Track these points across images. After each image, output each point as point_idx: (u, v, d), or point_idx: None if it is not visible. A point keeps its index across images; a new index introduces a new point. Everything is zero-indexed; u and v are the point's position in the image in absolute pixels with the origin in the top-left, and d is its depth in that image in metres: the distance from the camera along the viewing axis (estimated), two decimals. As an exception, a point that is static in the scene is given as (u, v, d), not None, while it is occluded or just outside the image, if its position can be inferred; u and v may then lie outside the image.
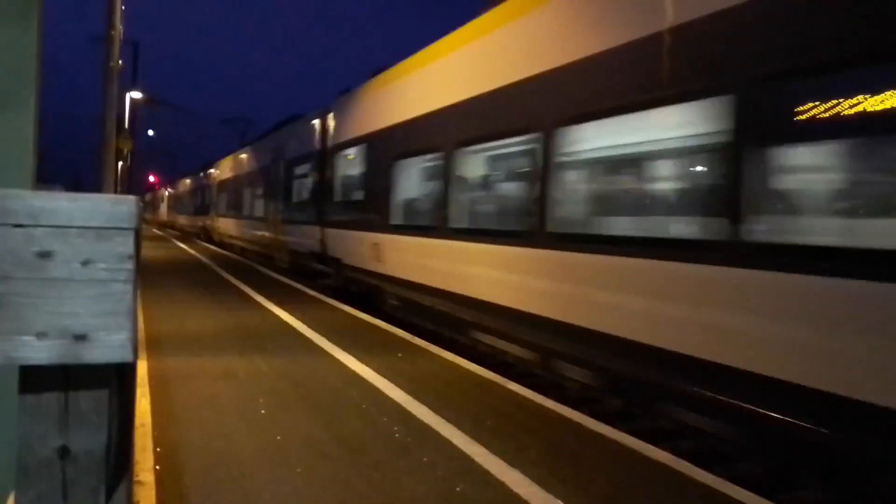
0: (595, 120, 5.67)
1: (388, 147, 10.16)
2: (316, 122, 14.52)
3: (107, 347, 1.26)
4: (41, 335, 1.22)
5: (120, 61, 11.75)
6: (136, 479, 3.48)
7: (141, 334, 7.31)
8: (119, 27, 11.00)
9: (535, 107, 6.42)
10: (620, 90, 5.31)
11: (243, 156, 23.85)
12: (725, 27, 4.34)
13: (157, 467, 3.65)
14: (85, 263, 1.24)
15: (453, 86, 8.10)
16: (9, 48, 3.48)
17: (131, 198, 1.27)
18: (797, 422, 3.79)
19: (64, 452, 1.28)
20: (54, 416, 1.28)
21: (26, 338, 1.22)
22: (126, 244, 1.26)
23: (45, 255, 1.21)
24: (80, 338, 1.24)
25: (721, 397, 4.27)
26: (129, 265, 1.26)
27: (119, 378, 1.53)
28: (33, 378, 1.26)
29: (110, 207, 1.24)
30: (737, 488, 3.72)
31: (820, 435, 3.67)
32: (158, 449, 3.93)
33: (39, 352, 1.23)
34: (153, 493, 3.32)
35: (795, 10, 3.94)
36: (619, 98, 5.32)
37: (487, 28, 7.53)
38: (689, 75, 4.65)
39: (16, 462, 1.27)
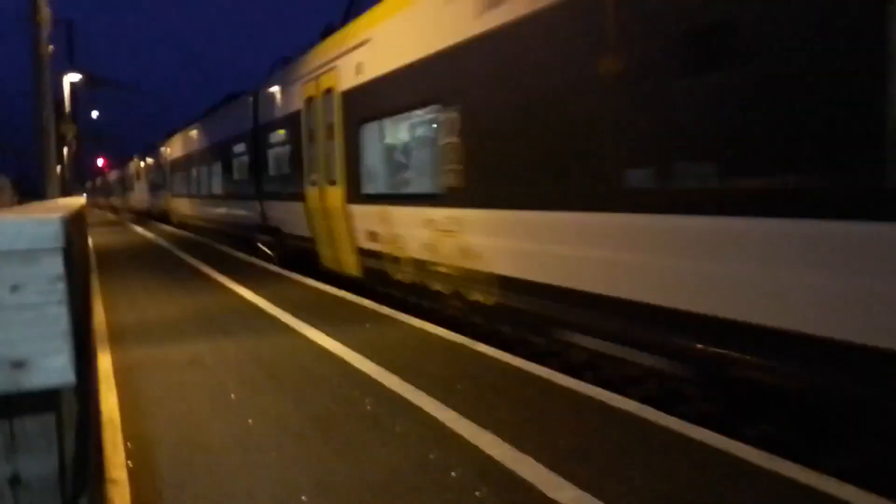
0: None
1: None
2: None
3: (47, 372, 1.24)
4: (-24, 366, 1.19)
5: (51, 47, 11.24)
6: (108, 476, 3.46)
7: (102, 326, 7.19)
8: (46, 10, 10.47)
9: None
10: None
11: None
12: None
13: (130, 463, 3.64)
14: (14, 289, 1.21)
15: None
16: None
17: (56, 217, 1.23)
18: None
19: (14, 481, 1.27)
20: (0, 444, 1.26)
21: (-40, 371, 1.19)
22: (55, 265, 1.23)
23: (-30, 285, 1.18)
24: (18, 365, 1.22)
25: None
26: (61, 286, 1.24)
27: (78, 391, 1.51)
28: (-27, 409, 1.23)
29: (35, 229, 1.20)
30: (699, 429, 3.87)
31: None
32: (129, 444, 3.91)
33: (-24, 383, 1.20)
34: (127, 490, 3.31)
35: None
36: None
37: None
38: None
39: (-35, 494, 1.25)
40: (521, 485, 3.25)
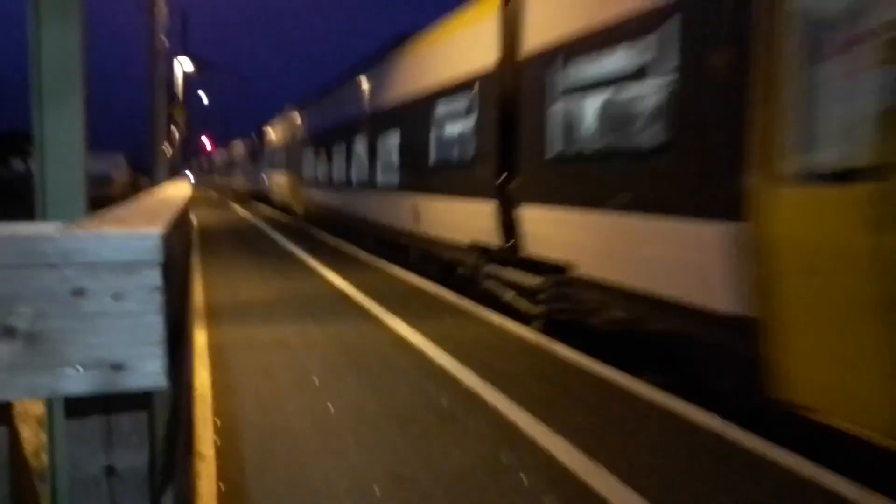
0: None
1: None
2: None
3: (142, 375, 1.33)
4: (80, 367, 1.29)
5: (166, 42, 11.96)
6: (197, 451, 3.68)
7: (200, 304, 7.60)
8: (162, 4, 11.13)
9: None
10: None
11: None
12: None
13: (217, 440, 3.85)
14: (116, 297, 1.30)
15: None
16: (55, 45, 3.59)
17: (157, 231, 1.32)
18: None
19: (110, 471, 1.38)
20: (98, 438, 1.37)
21: (67, 370, 1.30)
22: (153, 277, 1.31)
23: (78, 292, 1.28)
24: (117, 367, 1.32)
25: None
26: (158, 296, 1.32)
27: (172, 385, 1.62)
28: (77, 405, 1.34)
29: (137, 243, 1.29)
30: (785, 453, 3.69)
31: None
32: (218, 421, 4.13)
33: (80, 383, 1.30)
34: (213, 466, 3.50)
35: None
36: None
37: None
38: None
39: (67, 481, 1.36)
40: (592, 497, 3.21)
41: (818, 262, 3.93)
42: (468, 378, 5.00)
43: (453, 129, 9.24)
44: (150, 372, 1.32)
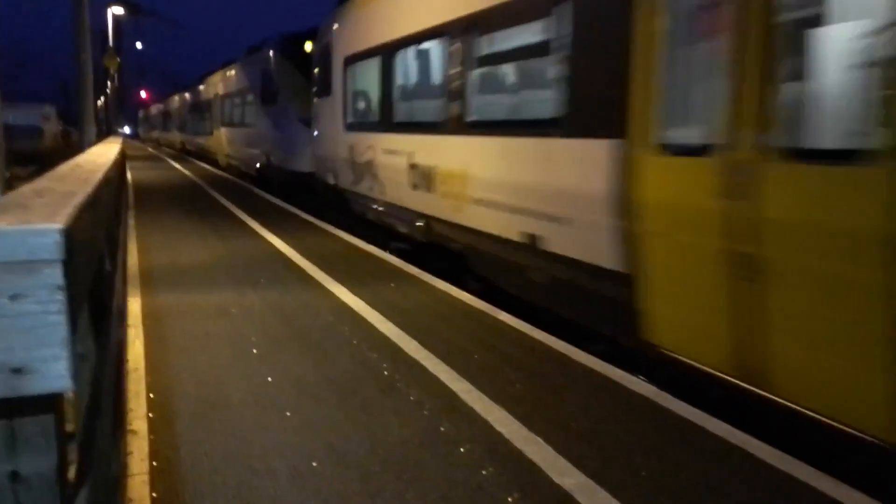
0: None
1: None
2: None
3: (45, 378, 1.27)
4: (-24, 371, 1.21)
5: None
6: (129, 427, 3.59)
7: (134, 269, 7.36)
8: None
9: None
10: None
11: None
12: None
13: (150, 415, 3.76)
14: (14, 298, 1.22)
15: None
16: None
17: (57, 227, 1.23)
18: None
19: (14, 477, 1.31)
20: (1, 443, 1.30)
21: (-38, 375, 1.21)
22: (55, 275, 1.24)
23: (-30, 293, 1.19)
24: (17, 371, 1.24)
25: None
26: (61, 296, 1.25)
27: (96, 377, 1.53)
28: (-25, 410, 1.26)
29: (35, 240, 1.21)
30: (714, 420, 3.83)
31: None
32: (151, 395, 4.03)
33: (-24, 388, 1.22)
34: (146, 442, 3.42)
35: None
36: None
37: None
38: None
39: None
40: (528, 467, 3.28)
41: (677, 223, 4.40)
42: (410, 346, 5.01)
43: None
44: (53, 374, 1.26)
